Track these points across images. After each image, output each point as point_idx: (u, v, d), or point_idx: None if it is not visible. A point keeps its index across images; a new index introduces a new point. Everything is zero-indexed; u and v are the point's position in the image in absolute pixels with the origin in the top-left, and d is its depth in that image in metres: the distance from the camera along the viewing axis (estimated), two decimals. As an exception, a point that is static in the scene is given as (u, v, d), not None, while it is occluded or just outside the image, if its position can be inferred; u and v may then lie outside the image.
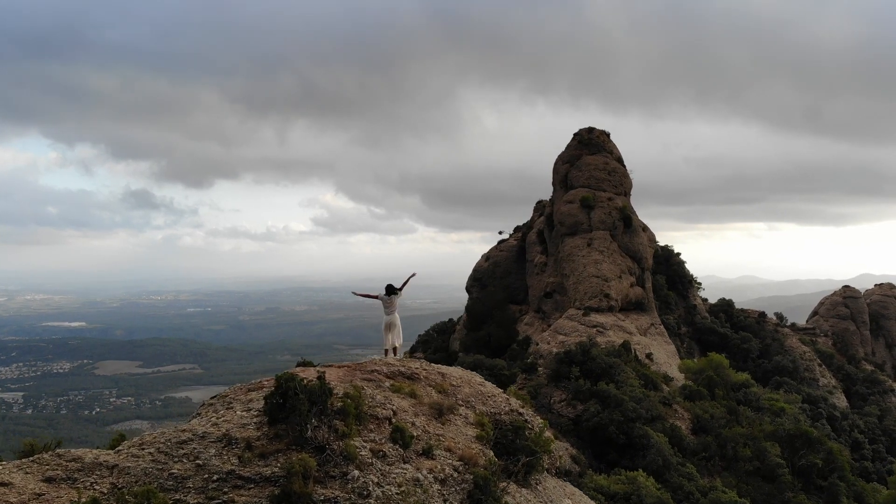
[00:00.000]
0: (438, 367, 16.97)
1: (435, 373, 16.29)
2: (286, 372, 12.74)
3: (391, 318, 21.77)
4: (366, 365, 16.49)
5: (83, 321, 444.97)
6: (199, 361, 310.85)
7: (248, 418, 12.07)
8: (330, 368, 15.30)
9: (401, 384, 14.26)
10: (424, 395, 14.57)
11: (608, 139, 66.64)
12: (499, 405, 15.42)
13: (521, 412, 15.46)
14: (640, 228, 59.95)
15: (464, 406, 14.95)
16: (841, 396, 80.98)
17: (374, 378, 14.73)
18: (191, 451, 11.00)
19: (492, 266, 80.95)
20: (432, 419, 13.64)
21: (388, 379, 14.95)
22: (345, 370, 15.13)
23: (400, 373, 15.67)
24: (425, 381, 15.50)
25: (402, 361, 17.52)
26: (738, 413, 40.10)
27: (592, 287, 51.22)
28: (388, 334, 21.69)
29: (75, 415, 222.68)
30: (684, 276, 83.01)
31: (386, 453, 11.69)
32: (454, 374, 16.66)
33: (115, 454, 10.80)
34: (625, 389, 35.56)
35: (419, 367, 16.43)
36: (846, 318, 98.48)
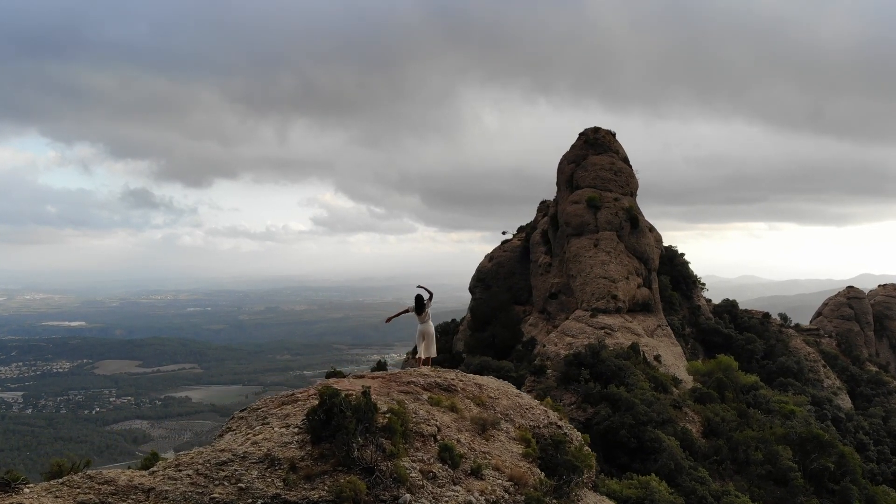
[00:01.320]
0: (474, 378, 16.46)
1: (472, 384, 15.73)
2: (327, 386, 11.95)
3: (424, 328, 20.94)
4: (400, 376, 15.91)
5: (83, 321, 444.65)
6: (199, 361, 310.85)
7: (289, 436, 11.37)
8: (363, 379, 14.71)
9: (439, 397, 13.66)
10: (464, 408, 14.09)
11: (614, 139, 66.28)
12: (537, 418, 14.93)
13: (560, 425, 15.00)
14: (646, 229, 59.55)
15: (504, 419, 14.44)
16: (845, 398, 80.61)
17: (411, 390, 14.21)
18: (232, 472, 10.31)
19: (495, 266, 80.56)
20: (476, 435, 13.14)
21: (426, 391, 14.47)
22: (379, 381, 14.59)
23: (437, 384, 15.15)
24: (462, 393, 14.97)
25: (437, 372, 17.01)
26: (748, 416, 39.72)
27: (600, 288, 50.83)
28: (421, 343, 20.97)
29: (75, 414, 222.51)
30: (688, 277, 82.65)
31: (436, 474, 11.15)
32: (491, 386, 16.13)
33: (150, 476, 9.85)
34: (635, 392, 35.19)
35: (455, 378, 15.86)
36: (850, 318, 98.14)
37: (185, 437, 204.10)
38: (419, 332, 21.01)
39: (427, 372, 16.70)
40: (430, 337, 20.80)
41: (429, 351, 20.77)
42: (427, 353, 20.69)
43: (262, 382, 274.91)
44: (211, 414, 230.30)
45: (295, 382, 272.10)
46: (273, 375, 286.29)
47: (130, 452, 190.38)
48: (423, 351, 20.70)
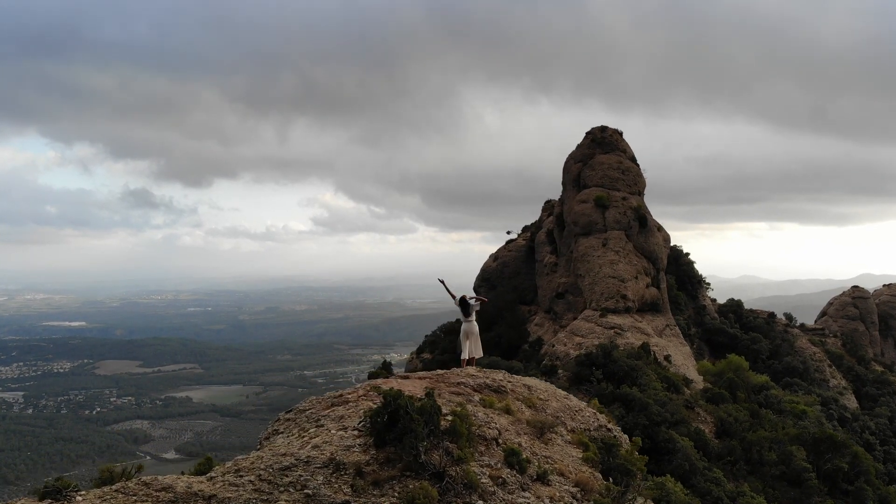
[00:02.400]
0: (522, 379, 16.10)
1: (520, 385, 15.36)
2: (389, 387, 11.57)
3: (469, 327, 20.46)
4: (448, 376, 15.51)
5: (83, 321, 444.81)
6: (200, 361, 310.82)
7: (350, 439, 10.91)
8: (410, 380, 14.35)
9: (490, 398, 13.27)
10: (517, 410, 13.71)
11: (621, 138, 66.03)
12: (587, 420, 14.64)
13: (609, 427, 14.72)
14: (655, 228, 59.31)
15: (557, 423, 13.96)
16: (851, 398, 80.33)
17: (462, 392, 13.83)
18: (297, 478, 9.74)
19: (500, 266, 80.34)
20: (534, 439, 12.76)
21: (476, 392, 14.10)
22: (427, 382, 14.22)
23: (486, 385, 14.75)
24: (512, 395, 14.58)
25: (484, 373, 16.64)
26: (760, 416, 39.47)
27: (609, 288, 50.56)
28: (465, 342, 20.46)
29: (76, 414, 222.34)
30: (693, 277, 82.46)
31: (505, 480, 10.69)
32: (539, 387, 15.78)
33: (209, 482, 9.23)
34: (648, 393, 34.95)
35: (503, 379, 15.49)
36: (855, 318, 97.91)
37: (185, 438, 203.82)
38: (463, 331, 20.58)
39: (474, 372, 16.29)
40: (474, 336, 20.32)
41: (475, 351, 20.36)
42: (472, 353, 20.29)
43: (262, 382, 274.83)
44: (212, 414, 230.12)
45: (295, 382, 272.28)
46: (274, 375, 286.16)
47: (131, 452, 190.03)
48: (468, 351, 20.26)
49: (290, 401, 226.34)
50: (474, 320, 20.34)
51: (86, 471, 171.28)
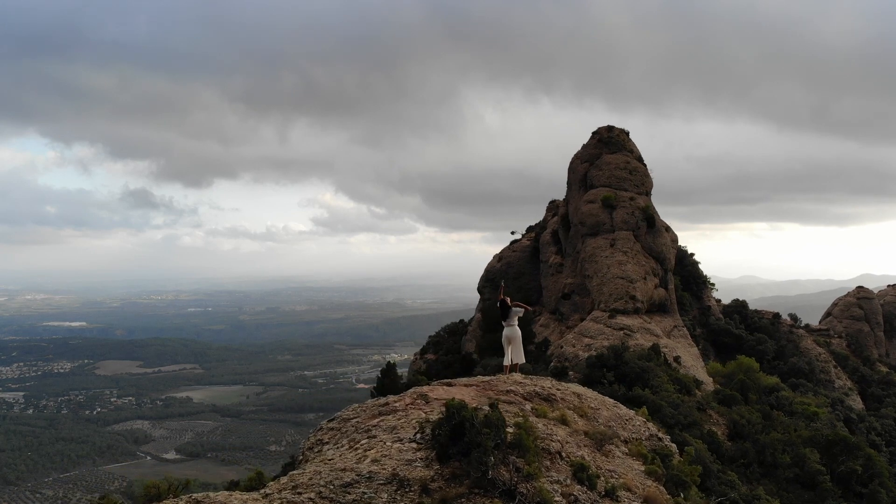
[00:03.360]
0: (570, 387, 15.68)
1: (570, 393, 14.89)
2: (453, 398, 10.61)
3: (510, 332, 19.88)
4: (495, 384, 14.95)
5: (84, 321, 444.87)
6: (200, 361, 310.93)
7: (409, 452, 10.27)
8: (456, 387, 13.88)
9: (543, 408, 12.82)
10: (572, 420, 13.17)
11: (628, 138, 65.75)
12: (638, 430, 14.21)
13: (660, 437, 14.32)
14: (663, 229, 58.99)
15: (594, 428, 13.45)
16: (857, 398, 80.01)
17: (512, 400, 13.31)
18: (360, 496, 9.11)
19: (505, 266, 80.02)
20: (595, 451, 12.25)
21: (527, 401, 13.61)
22: (474, 390, 13.73)
23: (536, 394, 14.28)
24: (562, 403, 14.06)
25: (532, 380, 16.18)
26: (772, 418, 39.16)
27: (618, 289, 50.22)
28: (507, 348, 19.92)
29: (76, 415, 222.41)
30: (698, 277, 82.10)
31: (577, 497, 10.16)
32: (588, 395, 15.31)
33: (264, 500, 9.04)
34: (661, 394, 34.64)
35: (552, 387, 15.05)
36: (860, 319, 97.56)
37: (186, 438, 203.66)
38: (505, 336, 20.06)
39: (521, 380, 15.75)
40: (516, 342, 19.77)
41: (516, 357, 19.73)
42: (515, 359, 19.66)
43: (262, 383, 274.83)
44: (212, 414, 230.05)
45: (296, 383, 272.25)
46: (274, 376, 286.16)
47: (132, 453, 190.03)
48: (510, 357, 19.67)
49: (291, 401, 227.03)
50: (516, 325, 19.81)
51: (86, 471, 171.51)
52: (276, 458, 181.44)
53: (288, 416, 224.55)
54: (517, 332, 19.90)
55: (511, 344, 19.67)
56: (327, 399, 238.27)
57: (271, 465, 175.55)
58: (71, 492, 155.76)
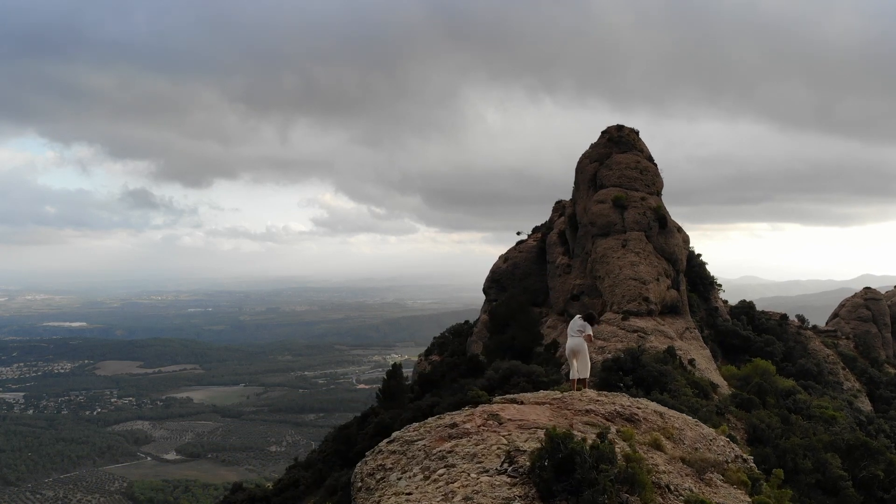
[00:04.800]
0: (649, 405, 14.79)
1: (651, 412, 13.92)
2: (554, 428, 9.33)
3: (575, 344, 18.71)
4: (571, 402, 13.92)
5: (84, 321, 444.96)
6: (200, 362, 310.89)
7: (504, 488, 8.94)
8: (528, 406, 12.81)
9: (628, 430, 11.76)
10: (665, 445, 12.12)
11: (638, 137, 65.06)
12: (723, 451, 13.31)
13: (745, 458, 13.53)
14: (674, 229, 58.30)
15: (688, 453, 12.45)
16: (865, 400, 79.37)
17: (594, 422, 12.27)
18: None
19: (511, 267, 79.31)
20: (697, 480, 11.23)
21: (608, 422, 12.63)
22: (549, 409, 12.67)
23: (617, 413, 13.27)
24: (645, 424, 13.10)
25: (607, 396, 15.27)
26: (791, 422, 38.47)
27: (630, 290, 49.51)
28: (572, 361, 18.87)
29: (76, 415, 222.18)
30: (705, 278, 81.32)
31: None
32: (670, 414, 14.38)
33: None
34: (680, 399, 33.91)
35: (632, 405, 14.05)
36: (867, 320, 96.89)
37: (186, 438, 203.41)
38: (568, 349, 18.98)
39: (596, 397, 14.67)
40: (582, 355, 18.59)
41: (583, 370, 18.62)
42: (581, 374, 18.58)
43: (263, 383, 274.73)
44: (212, 415, 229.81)
45: (296, 383, 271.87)
46: (274, 376, 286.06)
47: (132, 453, 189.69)
48: (576, 370, 18.64)
49: (291, 401, 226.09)
50: (581, 338, 18.72)
51: (86, 472, 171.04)
52: (276, 459, 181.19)
53: (288, 416, 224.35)
54: (583, 345, 18.79)
55: (577, 357, 18.65)
56: (328, 399, 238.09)
57: (272, 465, 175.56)
58: (71, 492, 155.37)
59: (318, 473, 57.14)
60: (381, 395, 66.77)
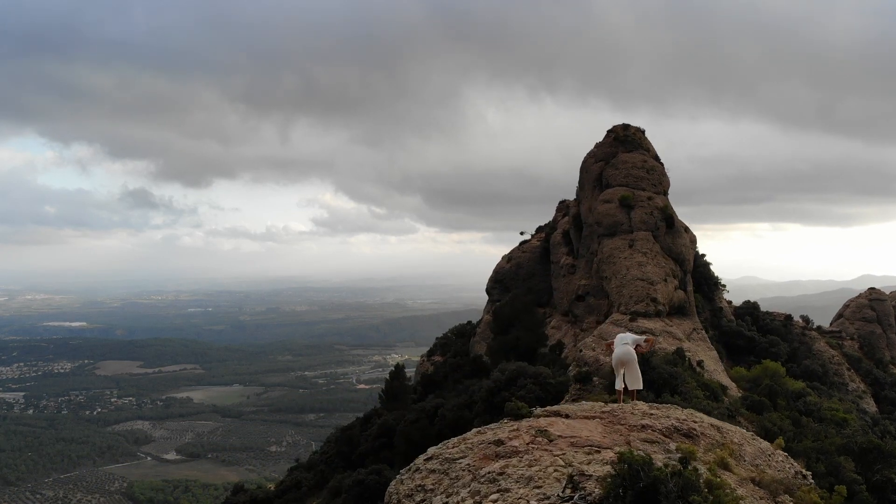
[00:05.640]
0: (704, 418, 14.09)
1: (708, 426, 13.15)
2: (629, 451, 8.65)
3: (624, 354, 17.86)
4: (624, 416, 13.07)
5: (84, 321, 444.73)
6: (200, 361, 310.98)
7: None
8: (577, 420, 12.09)
9: (689, 447, 10.91)
10: (732, 464, 11.34)
11: (644, 136, 64.52)
12: (783, 467, 12.77)
13: (805, 474, 12.98)
14: (682, 229, 57.75)
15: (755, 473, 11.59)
16: (870, 401, 78.89)
17: (653, 438, 11.52)
18: None
19: (514, 267, 78.81)
20: None
21: (666, 438, 11.87)
22: (600, 423, 11.87)
23: (675, 428, 12.52)
24: (704, 439, 12.34)
25: (660, 409, 14.58)
26: (802, 425, 37.91)
27: (638, 291, 48.95)
28: (619, 371, 17.92)
29: (76, 415, 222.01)
30: (710, 278, 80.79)
31: None
32: (727, 428, 13.71)
33: None
34: (691, 401, 33.35)
35: (687, 418, 13.39)
36: (872, 320, 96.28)
37: (186, 438, 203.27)
38: (617, 358, 18.14)
39: (649, 410, 13.94)
40: (631, 365, 17.78)
41: (633, 382, 17.84)
42: (631, 385, 17.83)
43: (263, 383, 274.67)
44: (212, 415, 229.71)
45: (296, 383, 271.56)
46: (274, 376, 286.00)
47: (132, 453, 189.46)
48: (623, 381, 17.84)
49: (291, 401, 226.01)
50: (632, 347, 18.03)
51: (86, 471, 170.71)
52: (276, 459, 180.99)
53: (288, 416, 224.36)
54: (633, 356, 18.02)
55: (626, 367, 17.88)
56: (328, 399, 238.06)
57: (272, 465, 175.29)
58: (71, 492, 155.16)
59: (320, 475, 56.64)
60: (384, 396, 66.31)
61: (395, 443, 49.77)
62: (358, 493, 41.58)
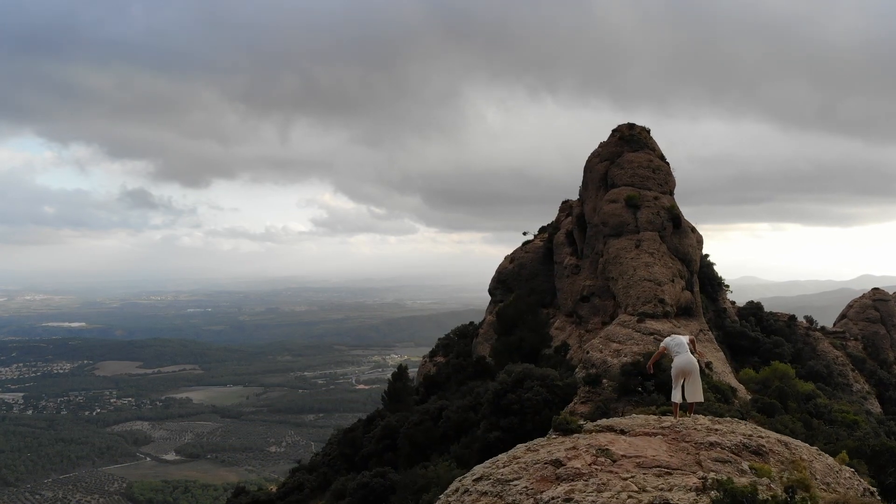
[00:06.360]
0: (770, 433, 13.35)
1: (774, 441, 12.40)
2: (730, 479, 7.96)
3: (686, 363, 16.08)
4: (687, 432, 12.27)
5: (83, 321, 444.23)
6: (200, 362, 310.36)
7: None
8: (638, 437, 11.31)
9: (763, 467, 10.33)
10: (813, 485, 10.29)
11: (649, 136, 64.06)
12: (852, 484, 12.27)
13: (872, 491, 12.50)
14: (688, 229, 57.28)
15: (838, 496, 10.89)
16: (875, 402, 78.46)
17: (725, 458, 10.74)
18: None
19: (517, 268, 78.36)
20: None
21: (736, 456, 11.06)
22: (663, 441, 11.13)
23: (744, 446, 11.64)
24: (773, 456, 11.60)
25: (725, 424, 13.61)
26: (813, 427, 37.48)
27: (645, 292, 48.45)
28: (679, 381, 16.11)
29: (76, 415, 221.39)
30: (714, 279, 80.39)
31: None
32: (794, 444, 13.03)
33: None
34: (703, 404, 32.88)
35: (753, 434, 12.63)
36: (876, 321, 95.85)
37: (186, 439, 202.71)
38: (677, 367, 16.27)
39: (711, 425, 12.97)
40: (694, 375, 16.10)
41: (693, 394, 16.17)
42: (691, 397, 16.23)
43: (262, 383, 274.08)
44: (212, 415, 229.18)
45: (296, 384, 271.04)
46: (274, 377, 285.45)
47: (131, 454, 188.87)
48: (683, 394, 16.22)
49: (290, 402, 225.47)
50: (690, 352, 16.29)
51: (86, 472, 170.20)
52: (275, 459, 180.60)
53: (288, 416, 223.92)
54: (696, 364, 16.33)
55: (688, 378, 16.21)
56: (327, 400, 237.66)
57: (271, 466, 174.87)
58: (70, 493, 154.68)
59: (322, 477, 56.11)
60: (387, 397, 65.74)
61: (398, 445, 49.29)
62: (363, 496, 41.07)
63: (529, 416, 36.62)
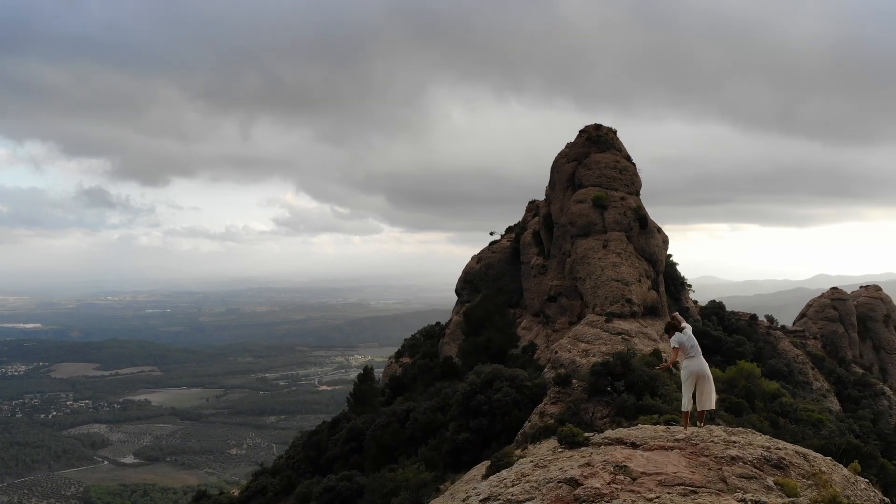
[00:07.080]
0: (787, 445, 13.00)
1: (793, 453, 12.16)
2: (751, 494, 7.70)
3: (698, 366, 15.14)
4: (705, 446, 11.66)
5: (38, 322, 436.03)
6: (158, 363, 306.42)
7: None
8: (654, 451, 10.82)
9: (790, 483, 9.76)
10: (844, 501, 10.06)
11: (616, 136, 64.38)
12: (868, 496, 12.01)
13: (888, 501, 12.27)
14: (654, 230, 57.67)
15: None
16: (834, 400, 79.73)
17: (750, 473, 10.20)
18: None
19: (484, 268, 78.22)
20: None
21: (758, 470, 10.53)
22: (681, 455, 10.63)
23: (765, 459, 11.15)
24: (793, 469, 11.24)
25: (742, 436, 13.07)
26: (780, 426, 37.73)
27: (613, 292, 48.59)
28: (690, 387, 15.17)
29: (31, 418, 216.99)
30: (677, 279, 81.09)
31: None
32: (812, 456, 12.75)
33: None
34: (672, 405, 32.90)
35: (769, 445, 12.32)
36: (835, 320, 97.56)
37: (144, 441, 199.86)
38: (689, 371, 15.47)
39: (727, 436, 12.67)
40: (706, 380, 15.21)
41: (706, 401, 15.23)
42: (705, 405, 15.30)
43: (222, 385, 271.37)
44: (171, 417, 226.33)
45: (257, 385, 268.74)
46: (234, 378, 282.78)
47: (88, 457, 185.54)
48: (694, 401, 15.22)
49: (251, 404, 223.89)
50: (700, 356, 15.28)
51: (42, 476, 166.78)
52: (236, 462, 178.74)
53: (249, 418, 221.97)
54: (706, 368, 15.37)
55: (701, 383, 15.25)
56: (289, 402, 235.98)
57: (232, 468, 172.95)
58: (26, 497, 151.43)
59: (287, 480, 55.35)
60: (353, 399, 65.14)
61: (365, 447, 48.79)
62: (329, 500, 40.47)
63: (499, 417, 36.37)
